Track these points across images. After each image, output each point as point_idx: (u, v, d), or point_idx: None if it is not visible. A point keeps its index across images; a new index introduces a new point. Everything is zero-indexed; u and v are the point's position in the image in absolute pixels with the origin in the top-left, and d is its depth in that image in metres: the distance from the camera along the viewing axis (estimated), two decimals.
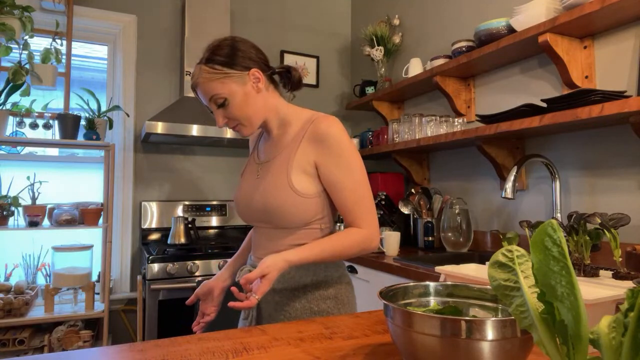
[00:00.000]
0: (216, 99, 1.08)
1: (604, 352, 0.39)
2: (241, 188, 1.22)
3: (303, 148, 1.10)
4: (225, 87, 1.08)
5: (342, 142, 1.07)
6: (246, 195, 1.17)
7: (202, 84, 1.09)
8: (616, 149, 1.62)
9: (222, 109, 1.10)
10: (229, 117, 1.10)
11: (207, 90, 1.08)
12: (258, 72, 1.12)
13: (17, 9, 2.25)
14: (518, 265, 0.47)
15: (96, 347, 0.85)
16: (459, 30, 2.39)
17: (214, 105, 1.10)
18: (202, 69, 1.09)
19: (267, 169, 1.15)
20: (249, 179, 1.21)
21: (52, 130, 2.45)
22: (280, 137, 1.17)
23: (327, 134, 1.07)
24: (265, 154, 1.20)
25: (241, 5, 3.14)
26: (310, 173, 1.09)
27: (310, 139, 1.09)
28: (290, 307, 1.12)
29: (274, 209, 1.10)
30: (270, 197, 1.10)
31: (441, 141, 2.09)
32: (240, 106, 1.09)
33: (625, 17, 1.54)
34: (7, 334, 2.13)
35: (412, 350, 0.59)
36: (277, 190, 1.09)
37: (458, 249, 2.10)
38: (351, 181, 1.07)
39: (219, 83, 1.07)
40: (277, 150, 1.16)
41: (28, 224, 2.24)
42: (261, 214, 1.13)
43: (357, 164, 1.08)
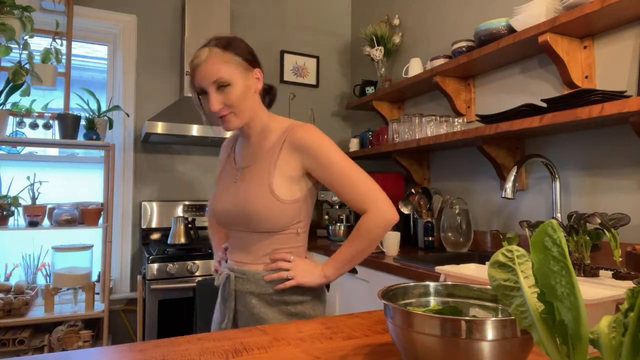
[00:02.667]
0: (221, 81, 1.09)
1: (604, 352, 0.39)
2: (219, 192, 1.23)
3: (284, 156, 1.14)
4: (233, 73, 1.10)
5: (322, 145, 1.13)
6: (224, 200, 1.19)
7: (210, 64, 1.09)
8: (616, 149, 1.62)
9: (221, 94, 1.10)
10: (226, 103, 1.10)
11: (214, 71, 1.09)
12: (260, 74, 1.18)
13: (17, 9, 2.25)
14: (518, 265, 0.47)
15: (96, 347, 0.85)
16: (459, 30, 2.39)
17: (214, 88, 1.09)
18: (213, 50, 1.11)
19: (247, 175, 1.17)
20: (227, 183, 1.22)
21: (52, 130, 2.45)
22: (260, 144, 1.19)
23: (307, 141, 1.13)
24: (244, 160, 1.22)
25: (241, 5, 3.14)
26: (293, 178, 1.14)
27: (291, 147, 1.14)
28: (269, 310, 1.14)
29: (253, 214, 1.12)
30: (251, 202, 1.12)
31: (441, 141, 2.09)
32: (239, 96, 1.11)
33: (625, 17, 1.54)
34: (7, 334, 2.13)
35: (412, 350, 0.59)
36: (257, 195, 1.12)
37: (458, 249, 2.10)
38: (343, 174, 1.12)
39: (228, 67, 1.10)
40: (256, 157, 1.18)
41: (28, 224, 2.24)
42: (240, 218, 1.15)
43: (340, 158, 1.13)
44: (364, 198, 1.12)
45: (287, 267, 1.13)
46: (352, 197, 1.13)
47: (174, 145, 2.89)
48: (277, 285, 1.13)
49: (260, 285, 1.15)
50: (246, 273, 1.16)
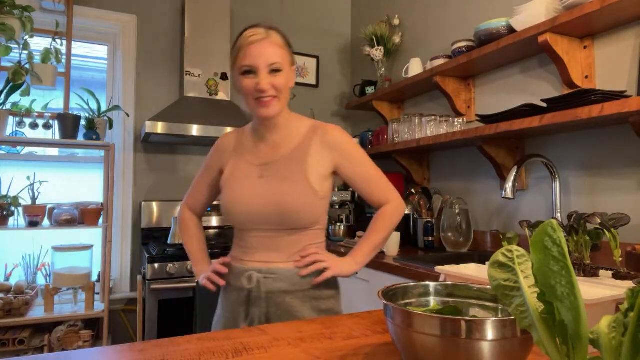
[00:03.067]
0: (277, 65, 1.11)
1: (604, 352, 0.39)
2: (241, 190, 1.17)
3: (315, 153, 1.17)
4: (286, 61, 1.14)
5: (352, 144, 1.23)
6: (252, 197, 1.15)
7: (271, 45, 1.11)
8: (616, 149, 1.62)
9: (272, 77, 1.11)
10: (275, 85, 1.12)
11: (274, 53, 1.11)
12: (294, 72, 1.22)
13: (17, 9, 2.25)
14: (518, 265, 0.47)
15: (96, 347, 0.85)
16: (459, 30, 2.39)
17: (267, 69, 1.10)
18: (273, 33, 1.13)
19: (275, 171, 1.16)
20: (249, 181, 1.18)
21: (52, 130, 2.45)
22: (284, 141, 1.20)
23: (340, 140, 1.21)
24: (265, 156, 1.20)
25: (241, 5, 3.14)
26: (325, 176, 1.18)
27: (323, 146, 1.19)
28: (303, 308, 1.14)
29: (294, 210, 1.12)
30: (293, 197, 1.12)
31: (441, 141, 2.09)
32: (285, 84, 1.14)
33: (625, 17, 1.54)
34: (7, 334, 2.13)
35: (412, 350, 0.59)
36: (299, 191, 1.13)
37: (458, 249, 2.10)
38: (370, 170, 1.23)
39: (283, 53, 1.13)
40: (281, 153, 1.18)
41: (28, 224, 2.24)
42: (275, 216, 1.13)
43: (366, 156, 1.25)
44: (385, 192, 1.24)
45: (322, 259, 1.14)
46: (376, 191, 1.23)
47: (174, 145, 2.89)
48: (316, 278, 1.13)
49: (294, 283, 1.14)
50: (277, 272, 1.13)
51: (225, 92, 2.82)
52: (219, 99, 2.78)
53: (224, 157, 1.28)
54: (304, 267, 1.13)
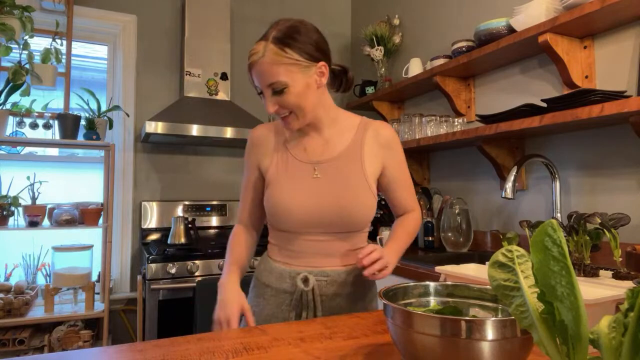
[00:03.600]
0: (276, 85, 1.00)
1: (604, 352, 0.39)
2: (294, 191, 1.08)
3: (368, 151, 1.12)
4: (289, 75, 1.00)
5: (400, 144, 1.19)
6: (309, 198, 1.06)
7: (265, 64, 0.99)
8: (616, 149, 1.62)
9: (278, 96, 1.01)
10: (283, 105, 1.02)
11: (270, 73, 0.99)
12: (325, 67, 1.06)
13: (17, 9, 2.25)
14: (518, 265, 0.47)
15: (96, 347, 0.85)
16: (459, 30, 2.39)
17: (269, 91, 1.01)
18: (269, 48, 0.99)
19: (333, 170, 1.09)
20: (303, 180, 1.09)
21: (52, 130, 2.45)
22: (334, 137, 1.13)
23: (392, 139, 1.16)
24: (316, 154, 1.12)
25: (241, 5, 3.14)
26: (377, 175, 1.14)
27: (376, 144, 1.14)
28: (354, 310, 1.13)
29: (353, 213, 1.07)
30: (352, 199, 1.06)
31: (441, 141, 2.09)
32: (299, 97, 1.02)
33: (625, 17, 1.54)
34: (7, 334, 2.13)
35: (412, 350, 0.59)
36: (359, 191, 1.08)
37: (458, 249, 2.10)
38: (407, 176, 1.20)
39: (284, 69, 0.99)
40: (335, 150, 1.12)
41: (28, 224, 2.24)
42: (332, 219, 1.06)
43: (405, 161, 1.21)
44: (414, 200, 1.22)
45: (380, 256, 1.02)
46: (408, 198, 1.20)
47: (174, 145, 2.89)
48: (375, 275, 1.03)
49: (344, 285, 1.11)
50: (329, 274, 1.09)
51: (225, 92, 2.81)
52: (219, 99, 2.78)
53: (263, 150, 1.15)
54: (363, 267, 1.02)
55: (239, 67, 3.07)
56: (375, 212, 1.13)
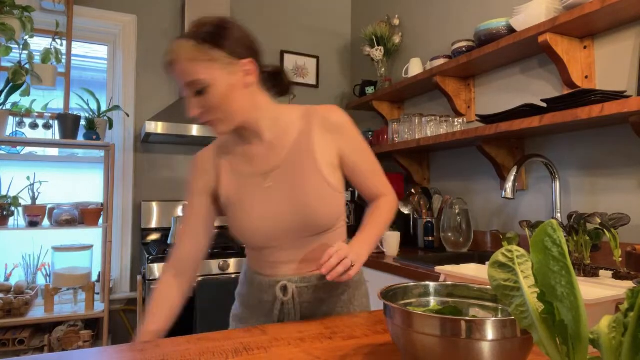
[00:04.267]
0: (195, 84, 0.91)
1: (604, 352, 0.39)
2: (252, 210, 1.01)
3: (318, 141, 1.02)
4: (210, 73, 0.91)
5: (354, 127, 1.08)
6: (269, 213, 1.00)
7: (182, 62, 0.91)
8: (616, 149, 1.62)
9: (200, 97, 0.93)
10: (207, 107, 0.93)
11: (187, 72, 0.91)
12: (252, 64, 0.97)
13: (17, 9, 2.25)
14: (518, 265, 0.47)
15: (96, 347, 0.85)
16: (459, 30, 2.39)
17: (191, 91, 0.93)
18: (184, 45, 0.91)
19: (284, 173, 1.01)
20: (259, 196, 1.02)
21: (52, 130, 2.45)
22: (279, 139, 1.03)
23: (343, 123, 1.05)
24: (264, 162, 1.03)
25: (241, 5, 3.14)
26: (336, 166, 1.05)
27: (325, 131, 1.03)
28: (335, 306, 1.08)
29: (313, 211, 0.99)
30: (308, 197, 0.98)
31: (441, 141, 2.09)
32: (223, 98, 0.93)
33: (625, 17, 1.54)
34: (7, 334, 2.13)
35: (412, 350, 0.59)
36: (314, 186, 0.99)
37: (458, 249, 2.10)
38: (371, 160, 1.11)
39: (202, 66, 0.91)
40: (282, 152, 1.02)
41: (28, 224, 2.24)
42: (295, 226, 1.00)
43: (365, 142, 1.10)
44: (384, 185, 1.13)
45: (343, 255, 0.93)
46: (376, 183, 1.11)
47: (174, 145, 2.89)
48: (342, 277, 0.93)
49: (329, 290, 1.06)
50: (310, 280, 1.03)
51: None
52: None
53: (210, 175, 1.09)
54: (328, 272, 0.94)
55: None
56: (344, 205, 1.06)
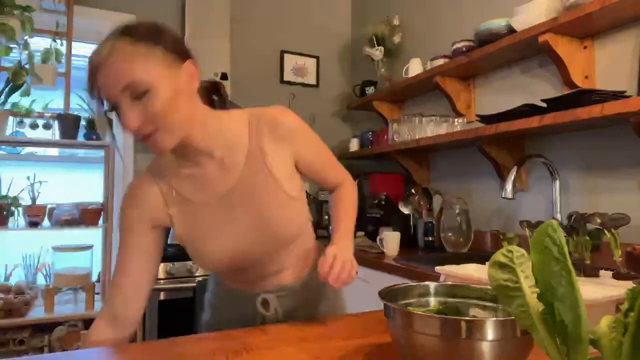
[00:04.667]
0: (133, 86, 0.75)
1: (604, 352, 0.39)
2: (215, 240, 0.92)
3: (273, 153, 0.92)
4: (151, 74, 0.76)
5: (305, 127, 0.98)
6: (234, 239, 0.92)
7: (117, 62, 0.75)
8: (616, 149, 1.62)
9: (139, 104, 0.76)
10: (148, 116, 0.76)
11: (123, 73, 0.74)
12: (194, 67, 0.84)
13: (17, 9, 2.25)
14: (518, 265, 0.47)
15: (96, 347, 0.85)
16: (459, 30, 2.39)
17: (127, 97, 0.75)
18: (117, 44, 0.76)
19: (242, 196, 0.91)
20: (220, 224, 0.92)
21: (52, 130, 2.45)
22: (229, 155, 0.91)
23: (293, 127, 0.95)
24: (220, 183, 0.91)
25: (241, 5, 3.14)
26: (292, 173, 0.97)
27: (276, 139, 0.93)
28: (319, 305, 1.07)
29: (283, 228, 0.93)
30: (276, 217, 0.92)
31: (441, 141, 2.09)
32: (167, 104, 0.77)
33: (625, 17, 1.54)
34: (7, 334, 2.13)
35: (412, 350, 0.59)
36: (280, 207, 0.92)
37: (458, 249, 2.09)
38: (325, 155, 1.05)
39: (142, 65, 0.75)
40: (235, 172, 0.91)
41: (28, 224, 2.24)
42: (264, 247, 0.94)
43: (318, 138, 1.03)
44: (342, 173, 1.10)
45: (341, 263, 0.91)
46: (334, 176, 1.08)
47: None
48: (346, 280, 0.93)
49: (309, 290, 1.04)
50: (288, 288, 1.01)
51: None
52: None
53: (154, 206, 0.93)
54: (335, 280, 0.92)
55: (239, 67, 3.06)
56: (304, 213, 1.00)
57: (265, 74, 3.17)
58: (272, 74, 3.20)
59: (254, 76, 3.12)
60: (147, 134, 0.78)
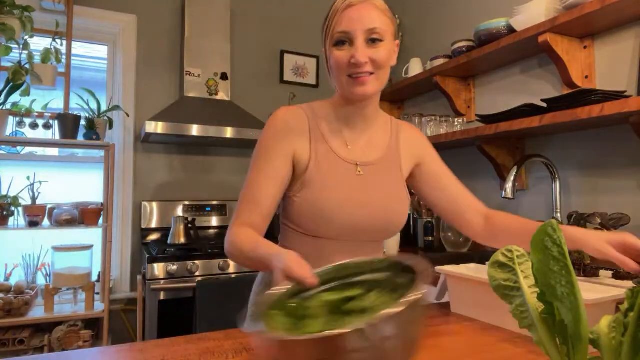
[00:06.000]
0: (377, 32, 0.92)
1: (604, 352, 0.39)
2: (340, 194, 0.94)
3: (403, 155, 1.06)
4: (387, 30, 0.95)
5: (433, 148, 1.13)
6: (357, 203, 0.95)
7: (368, 8, 0.93)
8: (616, 149, 1.62)
9: (370, 49, 0.93)
10: (374, 59, 0.92)
11: (374, 17, 0.92)
12: (398, 48, 1.03)
13: (17, 9, 2.25)
14: (518, 265, 0.47)
15: (96, 347, 0.85)
16: (459, 30, 2.39)
17: (364, 38, 0.92)
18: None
19: (376, 173, 1.00)
20: (349, 182, 0.96)
21: (52, 130, 2.44)
22: (375, 136, 1.05)
23: (423, 139, 1.12)
24: (358, 153, 1.01)
25: (241, 5, 3.13)
26: (406, 177, 1.09)
27: (409, 148, 1.08)
28: None
29: (397, 218, 1.00)
30: (396, 209, 1.00)
31: (441, 141, 2.09)
32: (387, 58, 0.96)
33: (625, 17, 1.54)
34: (7, 334, 2.13)
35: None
36: (400, 197, 1.02)
37: (458, 249, 2.09)
38: (455, 180, 1.13)
39: (386, 21, 0.95)
40: (375, 152, 1.03)
41: (28, 224, 2.24)
42: (377, 223, 0.97)
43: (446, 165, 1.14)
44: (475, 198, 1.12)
45: None
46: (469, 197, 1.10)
47: (174, 145, 2.89)
48: None
49: None
50: None
51: (225, 92, 2.81)
52: (219, 99, 2.78)
53: (298, 137, 0.98)
54: None
55: (239, 67, 3.06)
56: None
57: (265, 74, 3.17)
58: (272, 73, 3.20)
59: (254, 76, 3.12)
60: (366, 72, 0.92)
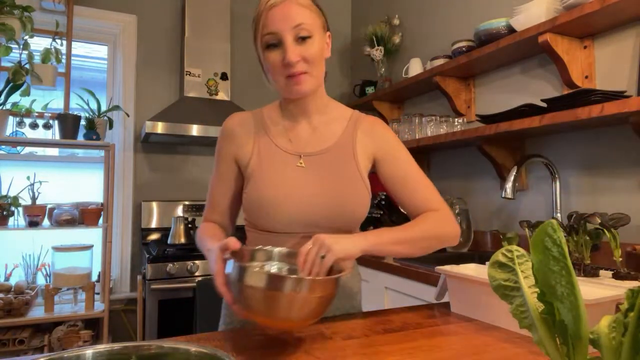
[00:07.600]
0: (303, 29, 0.91)
1: (604, 352, 0.39)
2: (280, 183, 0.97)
3: (360, 145, 1.03)
4: (314, 25, 0.94)
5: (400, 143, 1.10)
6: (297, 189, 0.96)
7: (291, 5, 0.92)
8: (616, 149, 1.62)
9: (300, 46, 0.92)
10: (305, 56, 0.92)
11: (298, 14, 0.91)
12: (330, 40, 1.01)
13: (17, 9, 2.25)
14: (518, 265, 0.47)
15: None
16: (459, 30, 2.39)
17: (292, 36, 0.91)
18: None
19: (322, 163, 1.00)
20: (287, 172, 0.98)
21: (52, 130, 2.45)
22: (322, 127, 1.04)
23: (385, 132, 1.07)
24: (304, 143, 1.02)
25: (241, 5, 3.14)
26: (368, 168, 1.05)
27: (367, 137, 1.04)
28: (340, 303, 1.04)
29: (347, 204, 0.97)
30: (345, 190, 0.98)
31: (441, 141, 2.09)
32: (319, 53, 0.95)
33: (625, 17, 1.54)
34: (7, 334, 2.13)
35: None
36: (352, 183, 0.99)
37: (458, 249, 2.09)
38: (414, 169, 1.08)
39: (311, 16, 0.93)
40: (322, 142, 1.02)
41: (28, 224, 2.24)
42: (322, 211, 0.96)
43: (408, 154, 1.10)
44: (435, 198, 1.06)
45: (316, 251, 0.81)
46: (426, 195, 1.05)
47: (174, 145, 2.89)
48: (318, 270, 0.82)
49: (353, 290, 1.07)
50: None
51: (225, 92, 2.81)
52: (219, 99, 2.78)
53: (241, 140, 1.03)
54: None
55: (239, 67, 3.07)
56: (368, 211, 1.02)
57: None
58: None
59: (254, 76, 3.12)
60: (298, 72, 0.92)
